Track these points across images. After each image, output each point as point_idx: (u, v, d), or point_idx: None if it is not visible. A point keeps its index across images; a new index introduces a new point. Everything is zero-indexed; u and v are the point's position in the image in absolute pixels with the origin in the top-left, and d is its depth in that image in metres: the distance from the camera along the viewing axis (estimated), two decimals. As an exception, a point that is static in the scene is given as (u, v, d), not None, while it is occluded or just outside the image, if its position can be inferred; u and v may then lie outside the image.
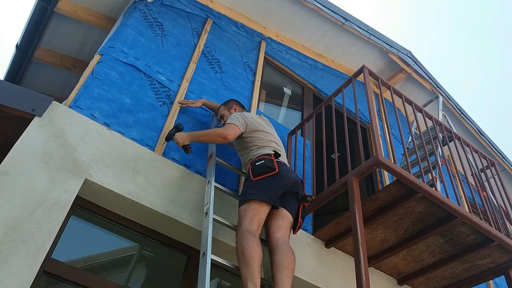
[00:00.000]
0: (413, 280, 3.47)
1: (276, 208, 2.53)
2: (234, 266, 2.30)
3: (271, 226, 2.49)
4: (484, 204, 3.26)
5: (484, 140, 6.51)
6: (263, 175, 2.53)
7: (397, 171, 2.63)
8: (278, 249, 2.33)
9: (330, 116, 4.19)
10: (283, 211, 2.56)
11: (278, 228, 2.47)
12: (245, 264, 2.12)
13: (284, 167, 2.66)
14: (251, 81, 4.14)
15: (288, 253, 2.31)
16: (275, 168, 2.56)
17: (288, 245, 2.38)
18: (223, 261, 2.28)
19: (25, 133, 2.27)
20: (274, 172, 2.54)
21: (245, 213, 2.39)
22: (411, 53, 5.58)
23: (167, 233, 2.67)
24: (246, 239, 2.21)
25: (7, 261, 1.87)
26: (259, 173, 2.55)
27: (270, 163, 2.59)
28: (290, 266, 2.25)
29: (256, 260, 2.13)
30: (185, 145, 2.81)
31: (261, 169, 2.56)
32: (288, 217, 2.56)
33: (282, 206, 2.57)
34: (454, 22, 38.17)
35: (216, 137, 2.81)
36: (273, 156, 2.66)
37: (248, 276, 2.06)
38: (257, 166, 2.60)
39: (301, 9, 4.81)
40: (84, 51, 4.71)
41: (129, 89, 3.03)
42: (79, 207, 2.43)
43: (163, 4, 3.94)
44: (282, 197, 2.60)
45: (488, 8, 35.19)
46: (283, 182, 2.57)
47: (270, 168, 2.56)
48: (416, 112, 3.51)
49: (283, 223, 2.51)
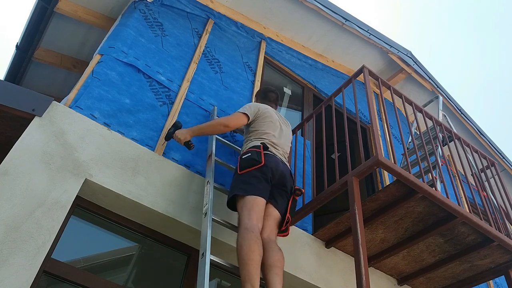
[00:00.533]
0: (413, 280, 3.47)
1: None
2: (233, 266, 2.29)
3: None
4: (484, 204, 3.26)
5: (484, 140, 6.51)
6: (249, 168, 2.55)
7: (397, 171, 2.63)
8: (264, 249, 2.32)
9: (330, 116, 4.19)
10: (270, 208, 2.55)
11: (264, 228, 2.46)
12: (242, 265, 2.11)
13: (271, 159, 2.66)
14: (251, 81, 4.14)
15: (274, 251, 2.31)
16: (261, 160, 2.58)
17: (274, 243, 2.38)
18: (223, 261, 2.28)
19: (25, 133, 2.27)
20: (260, 165, 2.55)
21: (242, 209, 2.40)
22: (411, 53, 5.58)
23: (167, 233, 2.67)
24: (243, 238, 2.21)
25: (7, 261, 1.87)
26: (245, 166, 2.57)
27: (256, 156, 2.60)
28: (278, 264, 2.25)
29: (254, 260, 2.12)
30: (186, 141, 2.80)
31: (247, 162, 2.58)
32: (274, 214, 2.55)
33: (270, 202, 2.57)
34: (454, 22, 38.18)
35: (218, 126, 2.85)
36: (262, 148, 2.66)
37: (246, 277, 2.06)
38: (243, 159, 2.63)
39: (301, 9, 4.81)
40: (84, 51, 4.71)
41: (129, 89, 3.03)
42: (79, 207, 2.43)
43: (163, 4, 3.94)
44: (271, 192, 2.59)
45: (488, 8, 35.21)
46: (269, 174, 2.57)
47: (256, 161, 2.57)
48: (416, 112, 3.50)
49: (268, 222, 2.50)
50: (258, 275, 2.10)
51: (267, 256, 2.28)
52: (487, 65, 37.78)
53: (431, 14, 38.16)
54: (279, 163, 2.70)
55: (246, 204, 2.40)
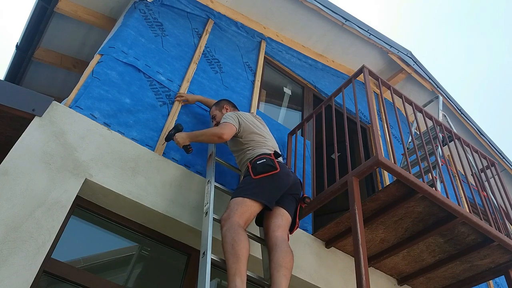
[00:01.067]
0: (413, 280, 3.47)
1: (269, 209, 2.50)
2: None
3: (271, 224, 2.48)
4: (484, 204, 3.26)
5: (484, 140, 6.51)
6: (265, 173, 2.51)
7: (397, 171, 2.63)
8: (277, 247, 2.31)
9: (330, 116, 4.19)
10: (282, 210, 2.56)
11: (278, 226, 2.46)
12: (235, 259, 2.10)
13: (284, 168, 2.65)
14: (251, 81, 4.14)
15: (287, 252, 2.30)
16: (276, 167, 2.55)
17: (287, 244, 2.37)
18: (224, 261, 2.27)
19: (25, 133, 2.27)
20: (275, 172, 2.53)
21: (237, 207, 2.37)
22: (411, 53, 5.58)
23: (167, 233, 2.67)
24: (238, 233, 2.20)
25: (7, 261, 1.87)
26: (261, 171, 2.52)
27: (271, 162, 2.58)
28: (288, 265, 2.24)
29: (245, 257, 2.13)
30: (185, 145, 2.81)
31: (263, 168, 2.54)
32: (287, 216, 2.56)
33: (281, 206, 2.56)
34: (454, 22, 38.19)
35: (212, 136, 2.79)
36: (273, 156, 2.65)
37: (237, 271, 2.06)
38: (258, 164, 2.57)
39: (301, 9, 4.81)
40: (84, 51, 4.71)
41: (129, 89, 3.03)
42: (79, 207, 2.43)
43: (163, 4, 3.94)
44: (281, 197, 2.59)
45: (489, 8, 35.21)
46: (283, 183, 2.57)
47: (272, 167, 2.54)
48: (416, 112, 3.51)
49: (282, 222, 2.50)
50: (246, 270, 2.12)
51: (278, 256, 2.27)
52: (487, 65, 37.81)
53: (431, 14, 38.19)
54: (290, 172, 2.69)
55: (244, 205, 2.38)
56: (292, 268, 2.30)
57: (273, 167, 2.54)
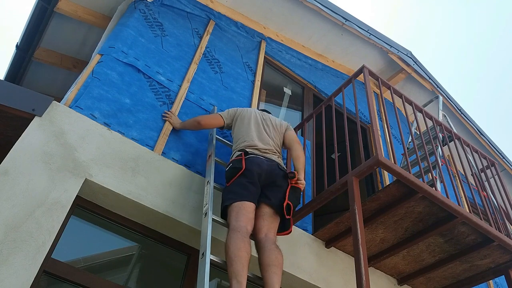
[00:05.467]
0: (413, 280, 3.47)
1: (255, 204, 2.53)
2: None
3: (255, 227, 2.50)
4: (484, 204, 3.26)
5: (484, 140, 6.51)
6: (233, 178, 2.59)
7: (397, 171, 2.63)
8: (262, 249, 2.36)
9: (330, 116, 4.19)
10: (263, 208, 2.57)
11: (259, 230, 2.49)
12: (229, 263, 2.15)
13: (254, 160, 2.66)
14: (251, 81, 4.14)
15: (271, 250, 2.33)
16: (241, 166, 2.60)
17: (272, 243, 2.40)
18: (223, 261, 2.28)
19: (25, 133, 2.27)
20: (242, 171, 2.58)
21: (231, 214, 2.44)
22: (411, 53, 5.58)
23: (167, 233, 2.67)
24: (230, 237, 2.26)
25: (7, 261, 1.87)
26: (229, 177, 2.62)
27: (237, 164, 2.64)
28: (275, 263, 2.26)
29: (239, 257, 2.15)
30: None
31: (231, 173, 2.63)
32: (268, 212, 2.56)
33: (264, 202, 2.58)
34: (454, 22, 38.19)
35: (193, 122, 3.00)
36: (243, 155, 2.67)
37: (232, 274, 2.10)
38: (227, 171, 2.69)
39: (301, 9, 4.80)
40: (84, 51, 4.71)
41: (129, 89, 3.03)
42: (79, 207, 2.43)
43: (163, 4, 3.94)
44: (264, 190, 2.62)
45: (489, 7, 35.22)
46: (254, 176, 2.59)
47: (237, 169, 2.61)
48: (416, 112, 3.51)
49: (263, 222, 2.52)
50: (245, 271, 2.12)
51: (263, 256, 2.30)
52: (487, 65, 37.81)
53: (431, 14, 38.19)
54: (263, 162, 2.68)
55: (234, 209, 2.44)
56: (283, 264, 2.32)
57: (238, 168, 2.61)
